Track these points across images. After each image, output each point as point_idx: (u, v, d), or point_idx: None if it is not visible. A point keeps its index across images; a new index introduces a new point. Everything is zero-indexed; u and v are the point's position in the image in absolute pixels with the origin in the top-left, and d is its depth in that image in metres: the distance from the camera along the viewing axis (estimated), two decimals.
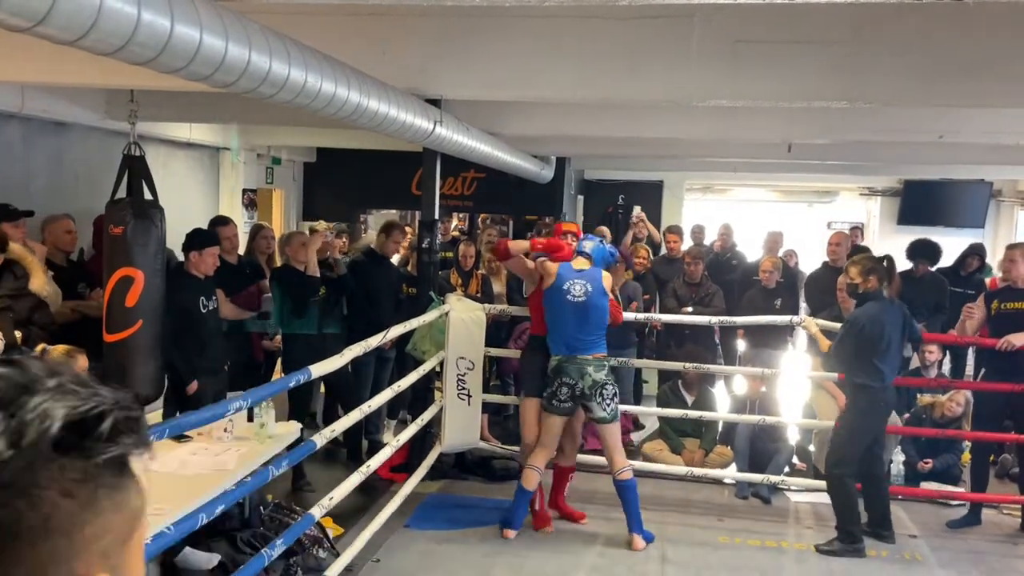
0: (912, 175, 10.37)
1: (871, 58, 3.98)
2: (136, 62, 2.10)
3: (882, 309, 4.77)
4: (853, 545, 4.82)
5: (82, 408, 0.57)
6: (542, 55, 4.23)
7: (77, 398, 0.57)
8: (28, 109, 5.38)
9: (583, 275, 4.77)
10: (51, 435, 0.55)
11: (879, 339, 4.73)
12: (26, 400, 0.55)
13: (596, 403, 4.76)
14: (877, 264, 4.85)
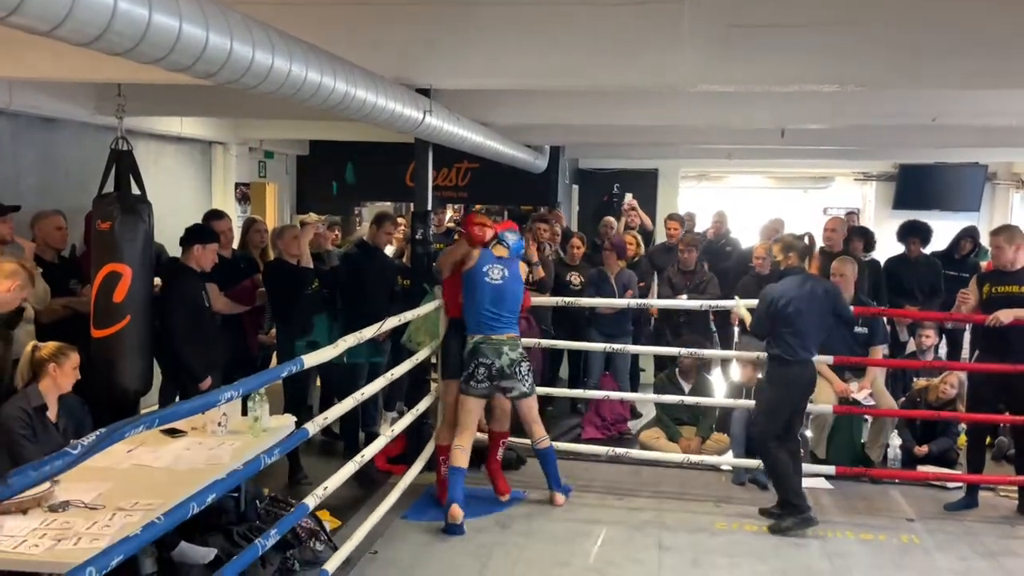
0: (907, 159, 10.36)
1: (863, 41, 3.96)
2: (114, 52, 2.07)
3: (797, 284, 4.92)
4: (801, 516, 4.87)
5: None
6: (531, 43, 4.20)
7: None
8: (16, 105, 5.35)
9: (501, 261, 5.14)
10: None
11: (789, 313, 4.84)
12: None
13: (517, 380, 5.08)
14: (796, 241, 5.11)
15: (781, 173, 12.14)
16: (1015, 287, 5.08)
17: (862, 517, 5.23)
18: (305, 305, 5.51)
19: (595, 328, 6.92)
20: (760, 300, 5.02)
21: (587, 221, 10.57)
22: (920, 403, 6.08)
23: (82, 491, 3.27)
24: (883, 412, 5.91)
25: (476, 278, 5.07)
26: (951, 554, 4.71)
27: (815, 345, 4.99)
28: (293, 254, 5.46)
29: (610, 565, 4.44)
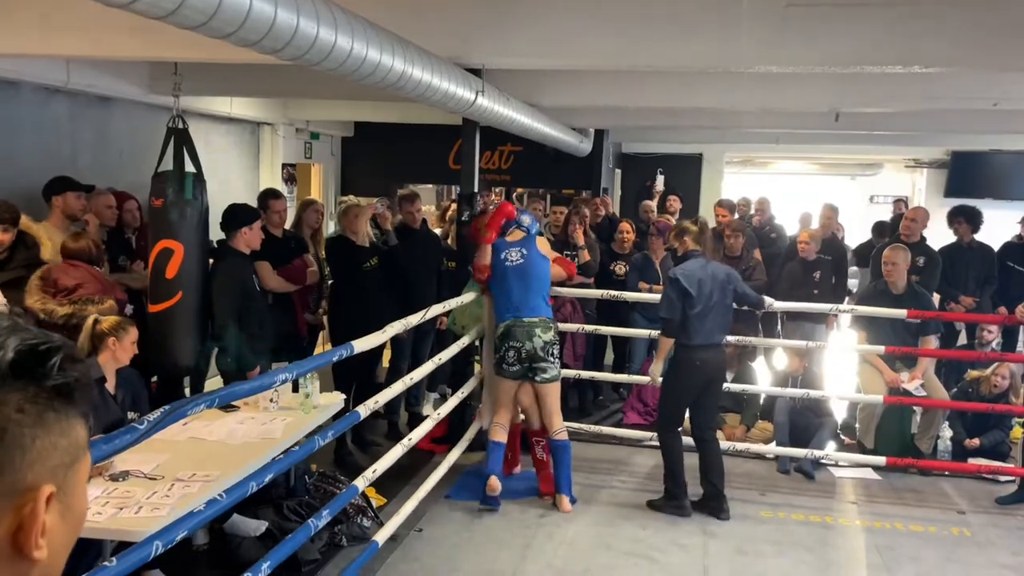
0: (962, 146, 10.09)
1: (927, 20, 3.85)
2: (186, 26, 2.09)
3: (699, 267, 4.82)
4: (674, 502, 4.87)
5: (33, 341, 0.69)
6: (586, 22, 4.15)
7: (30, 335, 0.69)
8: (74, 83, 5.44)
9: (517, 244, 5.09)
10: (7, 359, 0.67)
11: (690, 296, 4.73)
12: None
13: (548, 363, 4.96)
14: (688, 227, 5.01)
15: (828, 159, 11.92)
16: None
17: (911, 508, 5.15)
18: (363, 282, 5.56)
19: (639, 313, 6.88)
20: (669, 282, 4.85)
21: (629, 206, 10.50)
22: (972, 394, 5.95)
23: (140, 462, 3.35)
24: (934, 403, 5.80)
25: (497, 268, 5.07)
26: (1003, 549, 4.62)
27: (720, 330, 4.88)
28: (354, 232, 5.53)
29: (655, 550, 4.43)
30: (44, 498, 0.68)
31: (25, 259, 4.41)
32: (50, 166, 5.16)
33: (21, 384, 0.67)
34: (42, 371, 0.68)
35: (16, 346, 0.67)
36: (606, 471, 5.54)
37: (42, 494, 0.67)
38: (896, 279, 5.77)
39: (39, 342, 0.69)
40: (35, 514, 0.67)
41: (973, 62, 4.15)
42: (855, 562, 4.41)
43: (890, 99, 5.64)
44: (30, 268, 4.40)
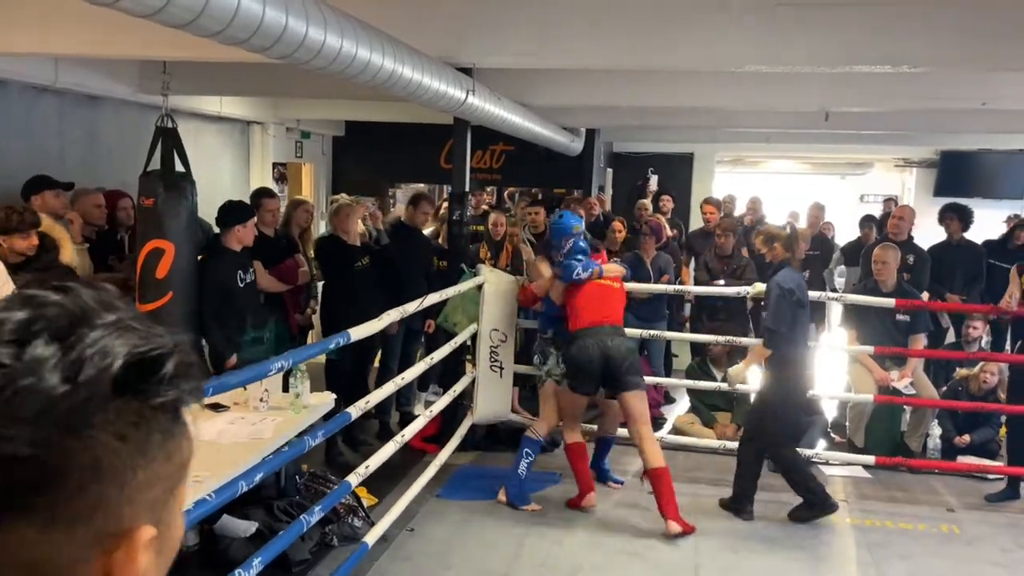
0: (951, 145, 10.15)
1: (916, 21, 3.86)
2: (173, 24, 2.08)
3: (799, 277, 4.82)
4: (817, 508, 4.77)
5: (143, 348, 0.53)
6: (577, 21, 4.15)
7: (137, 336, 0.53)
8: (62, 82, 5.41)
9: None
10: (112, 373, 0.51)
11: (803, 307, 4.70)
12: (84, 333, 0.51)
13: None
14: (779, 233, 4.92)
15: (819, 159, 11.97)
16: None
17: (901, 506, 5.17)
18: (354, 281, 5.55)
19: (630, 312, 6.87)
20: (780, 295, 4.59)
21: (620, 205, 10.50)
22: (961, 393, 5.98)
23: None
24: (923, 402, 5.83)
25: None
26: (993, 546, 4.64)
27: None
28: (345, 231, 5.52)
29: (647, 548, 4.44)
30: (143, 543, 0.54)
31: (44, 263, 4.37)
32: (38, 166, 5.12)
33: (123, 403, 0.51)
34: (151, 385, 0.53)
35: (126, 355, 0.52)
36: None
37: (140, 537, 0.53)
38: (886, 278, 5.80)
39: (150, 348, 0.53)
40: (130, 561, 0.53)
41: (961, 62, 4.17)
42: (845, 560, 4.43)
43: (879, 99, 5.66)
44: (47, 272, 4.36)
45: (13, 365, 0.49)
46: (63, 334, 0.51)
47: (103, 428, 0.51)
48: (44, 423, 0.49)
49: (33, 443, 0.48)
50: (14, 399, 0.49)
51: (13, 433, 0.48)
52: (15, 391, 0.49)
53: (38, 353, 0.50)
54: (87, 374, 0.50)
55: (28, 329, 0.51)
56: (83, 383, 0.50)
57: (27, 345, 0.50)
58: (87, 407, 0.50)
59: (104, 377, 0.51)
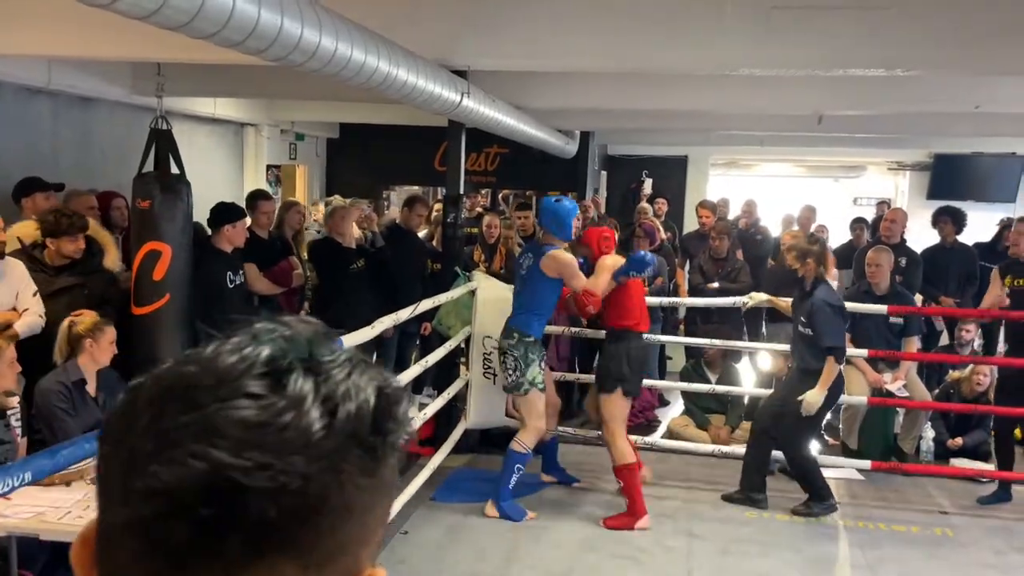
0: (944, 148, 10.20)
1: (909, 24, 3.88)
2: (169, 27, 2.08)
3: (834, 289, 4.97)
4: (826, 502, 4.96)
5: (386, 386, 0.53)
6: (572, 24, 4.16)
7: (376, 373, 0.53)
8: (55, 84, 5.40)
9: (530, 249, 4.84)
10: (368, 411, 0.51)
11: (846, 318, 4.86)
12: (329, 368, 0.51)
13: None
14: (809, 247, 4.88)
15: (813, 161, 11.99)
16: None
17: (894, 509, 5.18)
18: (349, 283, 5.55)
19: None
20: (832, 310, 4.77)
21: (615, 208, 10.52)
22: (954, 396, 6.00)
23: None
24: (917, 404, 5.84)
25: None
26: (986, 548, 4.66)
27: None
28: (340, 233, 5.52)
29: (640, 551, 4.44)
30: None
31: (87, 266, 4.36)
32: (31, 167, 5.11)
33: (372, 441, 0.51)
34: (391, 423, 0.52)
35: (376, 392, 0.52)
36: (591, 473, 5.54)
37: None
38: (879, 280, 5.81)
39: (392, 385, 0.53)
40: None
41: (955, 65, 4.20)
42: (839, 562, 4.44)
43: (873, 102, 5.68)
44: (90, 275, 4.36)
45: (274, 399, 0.49)
46: (313, 369, 0.51)
47: (355, 466, 0.50)
48: (309, 458, 0.48)
49: (303, 476, 0.48)
50: (282, 433, 0.48)
51: (283, 466, 0.47)
52: (282, 425, 0.48)
53: (299, 388, 0.50)
54: (346, 410, 0.50)
55: (279, 363, 0.50)
56: (341, 419, 0.50)
57: (285, 379, 0.50)
58: (346, 444, 0.50)
59: (361, 414, 0.51)
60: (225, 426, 0.48)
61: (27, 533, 2.90)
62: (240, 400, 0.48)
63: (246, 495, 0.47)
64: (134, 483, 0.48)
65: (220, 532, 0.47)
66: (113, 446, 0.51)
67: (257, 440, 0.47)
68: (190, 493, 0.46)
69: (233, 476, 0.46)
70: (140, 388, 0.52)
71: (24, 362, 3.67)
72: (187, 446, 0.47)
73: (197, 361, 0.51)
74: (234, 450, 0.47)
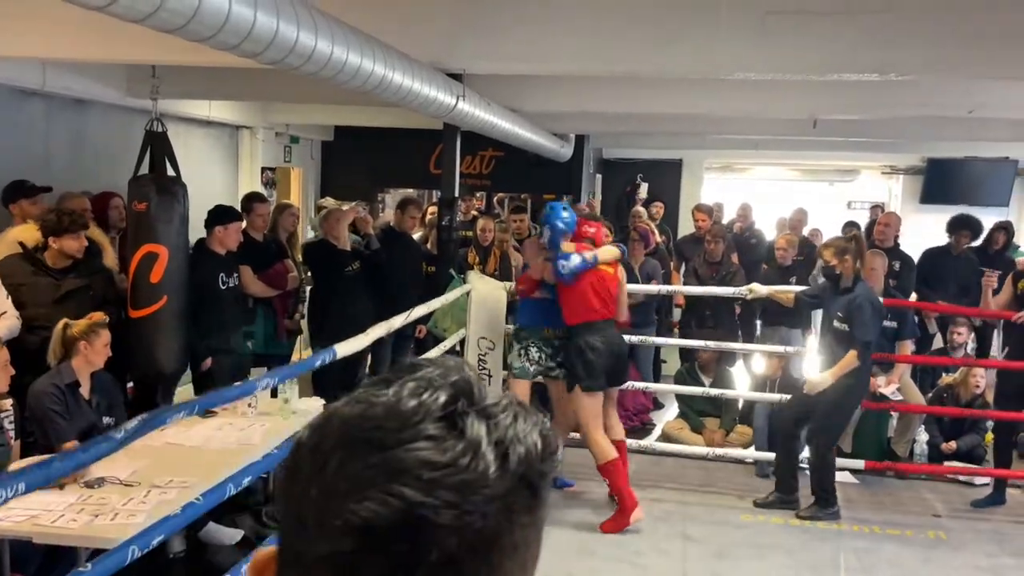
0: (937, 153, 10.24)
1: (904, 28, 3.90)
2: (165, 30, 2.07)
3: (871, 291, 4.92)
4: (830, 508, 4.97)
5: (547, 432, 0.56)
6: (567, 28, 4.17)
7: (539, 420, 0.57)
8: (50, 86, 5.37)
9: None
10: (536, 455, 0.54)
11: (883, 317, 4.87)
12: (495, 413, 0.55)
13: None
14: (848, 246, 4.90)
15: (807, 165, 12.04)
16: None
17: (888, 512, 5.19)
18: (344, 286, 5.55)
19: None
20: (872, 310, 4.82)
21: (609, 211, 10.52)
22: (947, 399, 6.02)
23: (117, 468, 3.30)
24: (910, 408, 5.86)
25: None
26: (979, 552, 4.67)
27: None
28: (335, 236, 5.52)
29: (635, 555, 4.44)
30: None
31: (90, 267, 4.37)
32: (24, 169, 5.09)
33: (536, 484, 0.55)
34: (551, 463, 0.56)
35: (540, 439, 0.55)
36: (586, 477, 5.54)
37: None
38: (873, 284, 5.82)
39: (549, 432, 0.57)
40: None
41: (948, 70, 4.22)
42: (833, 565, 4.44)
43: (867, 106, 5.70)
44: (93, 276, 4.36)
45: (453, 442, 0.52)
46: (484, 414, 0.54)
47: (523, 505, 0.54)
48: (487, 498, 0.52)
49: (483, 515, 0.51)
50: (463, 474, 0.51)
51: (468, 506, 0.51)
52: (464, 467, 0.51)
53: (475, 432, 0.53)
54: (516, 453, 0.53)
55: (454, 407, 0.54)
56: (513, 462, 0.53)
57: (461, 423, 0.53)
58: (517, 486, 0.53)
59: (529, 458, 0.54)
60: (412, 466, 0.51)
61: (20, 536, 2.89)
62: (422, 443, 0.52)
63: (436, 532, 0.50)
64: (333, 520, 0.51)
65: (410, 566, 0.50)
66: (304, 484, 0.53)
67: (444, 480, 0.51)
68: (386, 529, 0.50)
69: (425, 514, 0.50)
70: (324, 428, 0.55)
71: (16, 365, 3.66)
72: (382, 484, 0.50)
73: (378, 403, 0.54)
74: (425, 490, 0.50)
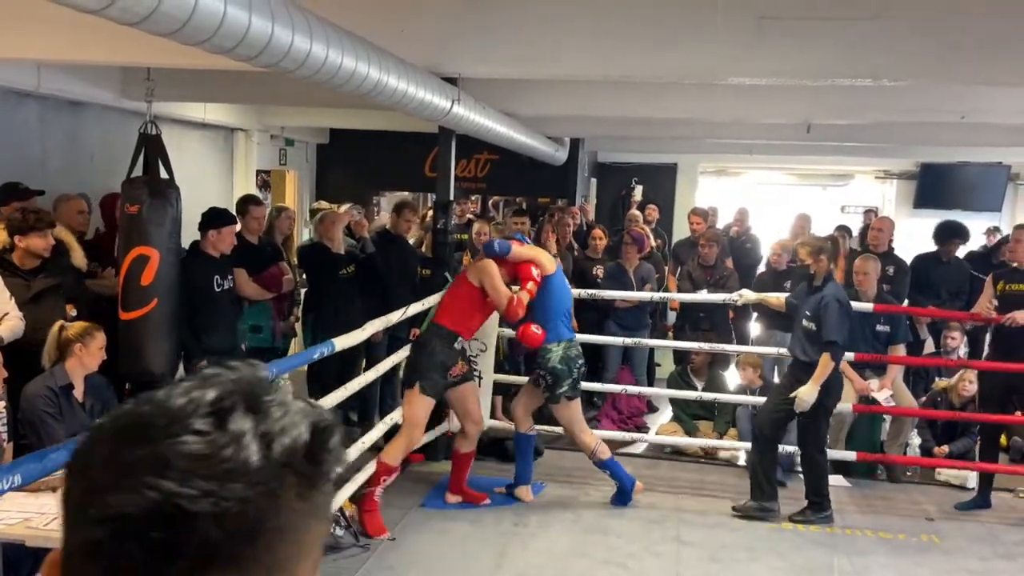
0: (931, 158, 10.28)
1: (897, 34, 3.92)
2: (160, 33, 2.08)
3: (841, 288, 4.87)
4: (823, 513, 4.95)
5: (319, 421, 0.60)
6: (562, 32, 4.18)
7: (311, 409, 0.61)
8: (44, 88, 5.36)
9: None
10: (301, 443, 0.58)
11: (853, 321, 4.80)
12: (268, 406, 0.58)
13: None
14: (825, 245, 4.88)
15: (801, 170, 12.08)
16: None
17: (881, 516, 5.21)
18: (339, 289, 5.55)
19: (613, 321, 6.91)
20: (840, 308, 4.73)
21: (604, 215, 10.55)
22: (941, 404, 6.04)
23: None
24: (903, 411, 5.88)
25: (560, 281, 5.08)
26: (971, 555, 4.69)
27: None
28: (330, 239, 5.52)
29: (629, 557, 4.44)
30: None
31: (58, 266, 4.37)
32: (19, 171, 5.08)
33: (306, 469, 0.58)
34: (325, 454, 0.59)
35: (310, 427, 0.59)
36: (580, 479, 5.55)
37: None
38: (867, 288, 5.85)
39: (325, 421, 0.60)
40: None
41: (941, 76, 4.24)
42: (826, 569, 4.45)
43: (860, 111, 5.73)
44: (63, 275, 4.36)
45: (217, 435, 0.55)
46: (253, 408, 0.57)
47: (291, 491, 0.57)
48: (248, 485, 0.55)
49: (242, 501, 0.54)
50: (224, 464, 0.54)
51: (225, 493, 0.54)
52: (224, 458, 0.55)
53: (239, 425, 0.56)
54: (281, 443, 0.57)
55: (223, 403, 0.57)
56: (277, 451, 0.56)
57: (227, 418, 0.56)
58: (281, 472, 0.56)
59: (295, 446, 0.57)
60: (174, 459, 0.54)
61: (13, 539, 2.88)
62: (187, 436, 0.55)
63: (193, 520, 0.53)
64: (91, 510, 0.54)
65: (170, 553, 0.53)
66: (76, 479, 0.57)
67: (201, 471, 0.54)
68: (142, 519, 0.52)
69: (180, 503, 0.53)
70: (101, 427, 0.58)
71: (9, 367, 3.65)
72: (140, 477, 0.53)
73: (151, 402, 0.58)
74: (181, 480, 0.53)
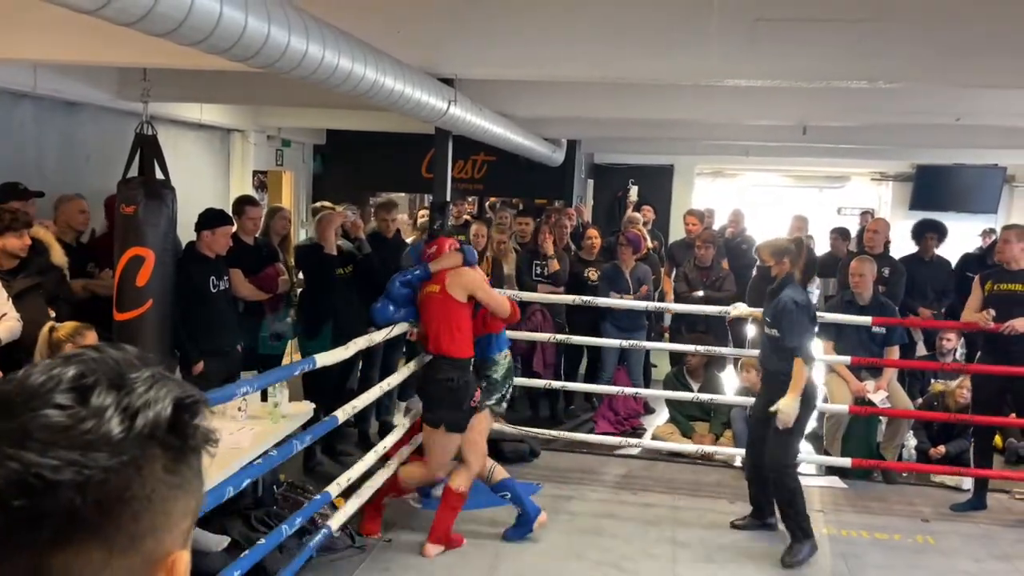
0: (926, 159, 10.30)
1: (893, 37, 3.92)
2: (155, 33, 2.07)
3: (803, 290, 4.60)
4: (811, 539, 4.53)
5: (184, 396, 0.63)
6: (559, 34, 4.18)
7: (176, 386, 0.63)
8: (41, 88, 5.36)
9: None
10: (163, 417, 0.61)
11: (814, 323, 4.62)
12: (132, 383, 0.61)
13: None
14: (788, 246, 4.68)
15: (797, 171, 12.10)
16: (1017, 285, 5.11)
17: (876, 517, 5.22)
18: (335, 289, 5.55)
19: (610, 322, 6.91)
20: (798, 310, 4.45)
21: (601, 216, 10.56)
22: (937, 407, 6.05)
23: None
24: (898, 413, 5.89)
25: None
26: (966, 556, 4.70)
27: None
28: (327, 239, 5.53)
29: (624, 559, 4.44)
30: (181, 567, 0.63)
31: (38, 265, 4.36)
32: (15, 172, 5.07)
33: (170, 442, 0.61)
34: (191, 428, 0.63)
35: (173, 401, 0.62)
36: (577, 481, 5.56)
37: (178, 562, 0.63)
38: (863, 290, 5.86)
39: (190, 396, 0.63)
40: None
41: (936, 78, 4.25)
42: (822, 570, 4.46)
43: (856, 113, 5.73)
44: (43, 274, 4.35)
45: (79, 409, 0.58)
46: (116, 384, 0.60)
47: (155, 464, 0.60)
48: (111, 455, 0.57)
49: (105, 470, 0.57)
50: (85, 436, 0.57)
51: (88, 462, 0.56)
52: (85, 430, 0.57)
53: (101, 400, 0.59)
54: (143, 417, 0.60)
55: (85, 380, 0.59)
56: (139, 425, 0.59)
57: (89, 393, 0.59)
58: (145, 444, 0.59)
59: (158, 420, 0.60)
60: (35, 431, 0.56)
61: None
62: (48, 410, 0.57)
63: (56, 488, 0.55)
64: None
65: (32, 521, 0.55)
66: None
67: (63, 442, 0.56)
68: (4, 489, 0.55)
69: (42, 473, 0.55)
70: None
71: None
72: (1, 449, 0.55)
73: (13, 381, 0.59)
74: (42, 451, 0.55)
